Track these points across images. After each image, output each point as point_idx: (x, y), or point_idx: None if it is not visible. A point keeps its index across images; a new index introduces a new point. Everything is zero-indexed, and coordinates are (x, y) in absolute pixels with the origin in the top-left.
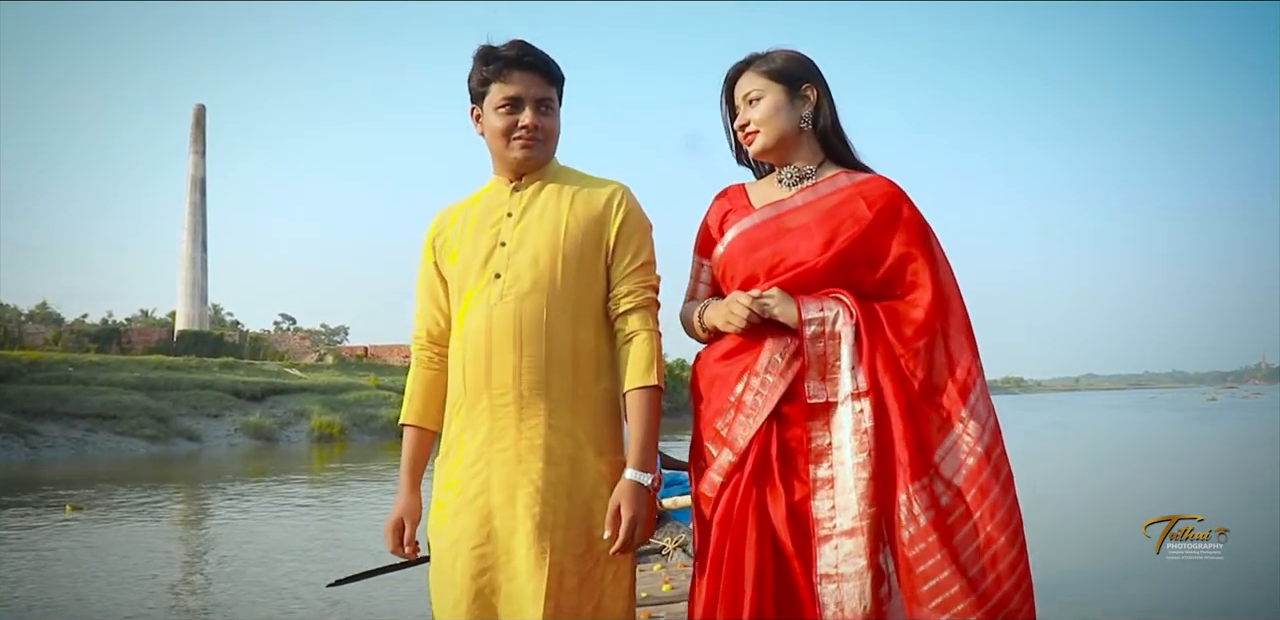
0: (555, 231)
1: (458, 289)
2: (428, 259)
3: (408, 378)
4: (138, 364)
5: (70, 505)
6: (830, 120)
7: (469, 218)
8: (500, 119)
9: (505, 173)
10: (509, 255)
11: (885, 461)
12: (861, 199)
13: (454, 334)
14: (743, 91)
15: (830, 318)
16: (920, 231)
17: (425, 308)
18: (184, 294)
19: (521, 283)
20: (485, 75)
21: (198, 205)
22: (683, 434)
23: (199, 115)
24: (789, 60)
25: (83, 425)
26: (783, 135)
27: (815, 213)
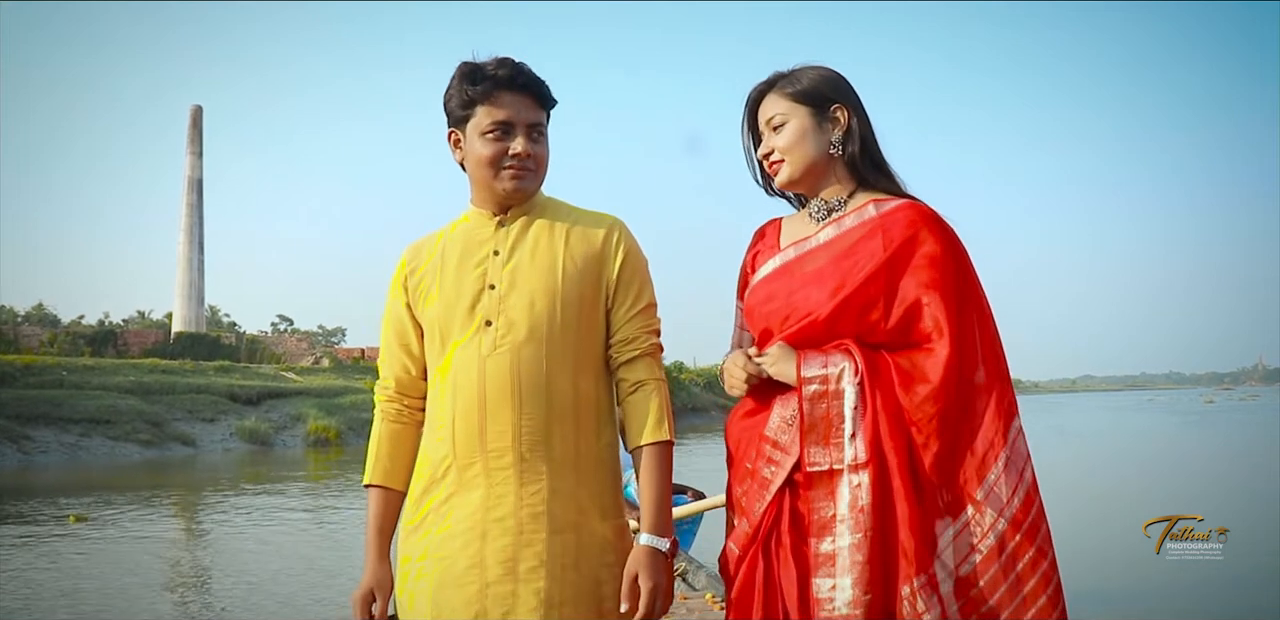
0: (551, 272)
1: (438, 336)
2: (397, 300)
3: (372, 432)
4: (132, 367)
5: (74, 516)
6: (862, 144)
7: (446, 255)
8: (488, 146)
9: (489, 205)
10: (500, 299)
11: (886, 544)
12: (881, 233)
13: (435, 387)
14: (765, 116)
15: (834, 374)
16: (943, 269)
17: (394, 355)
18: (180, 295)
19: (517, 331)
20: (471, 96)
21: (194, 206)
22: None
23: (196, 116)
24: (815, 79)
25: (76, 430)
26: (810, 164)
27: (833, 253)
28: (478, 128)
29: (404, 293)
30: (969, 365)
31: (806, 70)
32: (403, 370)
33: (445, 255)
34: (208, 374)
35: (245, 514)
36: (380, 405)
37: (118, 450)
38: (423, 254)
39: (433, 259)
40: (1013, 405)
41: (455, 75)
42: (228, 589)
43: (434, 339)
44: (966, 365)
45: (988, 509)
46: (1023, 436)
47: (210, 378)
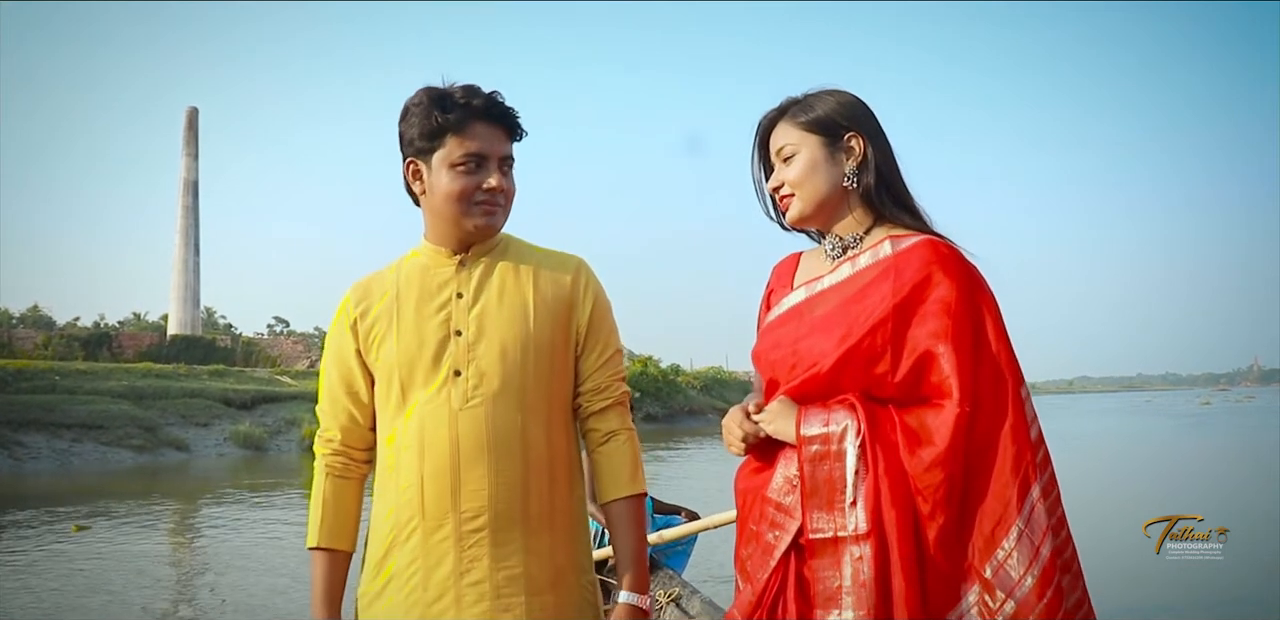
0: (522, 318)
1: (396, 386)
2: (344, 344)
3: (313, 488)
4: (125, 372)
5: (75, 526)
6: (878, 175)
7: (402, 296)
8: (459, 179)
9: (450, 243)
10: (468, 347)
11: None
12: (894, 275)
13: (392, 442)
14: (776, 146)
15: (836, 433)
16: (957, 316)
17: (340, 405)
18: (176, 297)
19: (490, 382)
20: (440, 125)
21: (190, 208)
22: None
23: (191, 118)
24: (828, 105)
25: (68, 435)
26: (823, 198)
27: (843, 296)
28: (447, 159)
29: (353, 337)
30: (983, 425)
31: (820, 96)
32: (349, 421)
33: (401, 297)
34: (201, 378)
35: (243, 524)
36: (324, 459)
37: (110, 456)
38: (373, 295)
39: (386, 301)
40: (1032, 470)
41: (420, 101)
42: (222, 610)
43: (390, 388)
44: (980, 425)
45: (996, 590)
46: (1044, 505)
47: (204, 382)
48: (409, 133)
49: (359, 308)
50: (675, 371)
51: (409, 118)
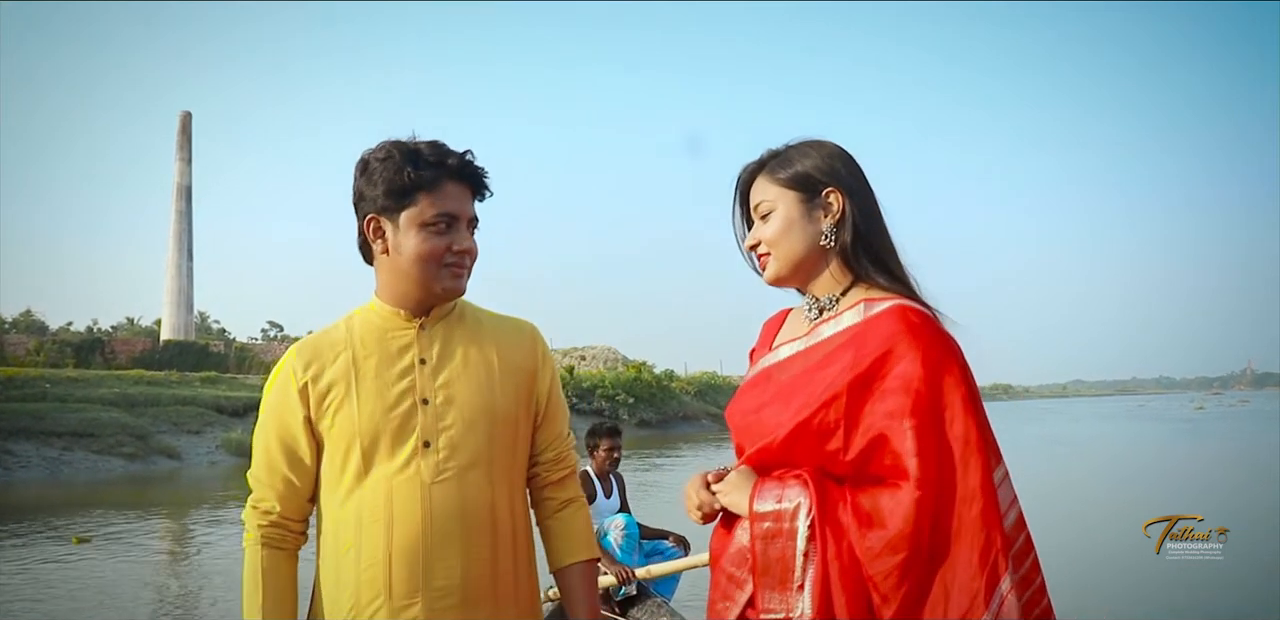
0: (488, 386)
1: (357, 456)
2: (290, 409)
3: (246, 563)
4: (117, 379)
5: (76, 538)
6: (856, 232)
7: (360, 360)
8: (431, 240)
9: (411, 305)
10: (436, 417)
11: None
12: (856, 345)
13: (351, 516)
14: (754, 202)
15: (788, 511)
16: (919, 394)
17: (279, 473)
18: (169, 302)
19: (460, 454)
20: (412, 182)
21: (183, 213)
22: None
23: (185, 122)
24: (807, 158)
25: (59, 444)
26: (799, 258)
27: (807, 363)
28: (418, 219)
29: (302, 402)
30: (948, 511)
31: (800, 148)
32: (289, 490)
33: (358, 361)
34: (193, 385)
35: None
36: (259, 530)
37: (101, 464)
38: (324, 357)
39: (341, 364)
40: (1003, 560)
41: (388, 156)
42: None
43: (347, 458)
44: (945, 511)
45: None
46: (1017, 598)
47: (196, 389)
48: (372, 188)
49: (309, 371)
50: (669, 377)
51: (372, 172)
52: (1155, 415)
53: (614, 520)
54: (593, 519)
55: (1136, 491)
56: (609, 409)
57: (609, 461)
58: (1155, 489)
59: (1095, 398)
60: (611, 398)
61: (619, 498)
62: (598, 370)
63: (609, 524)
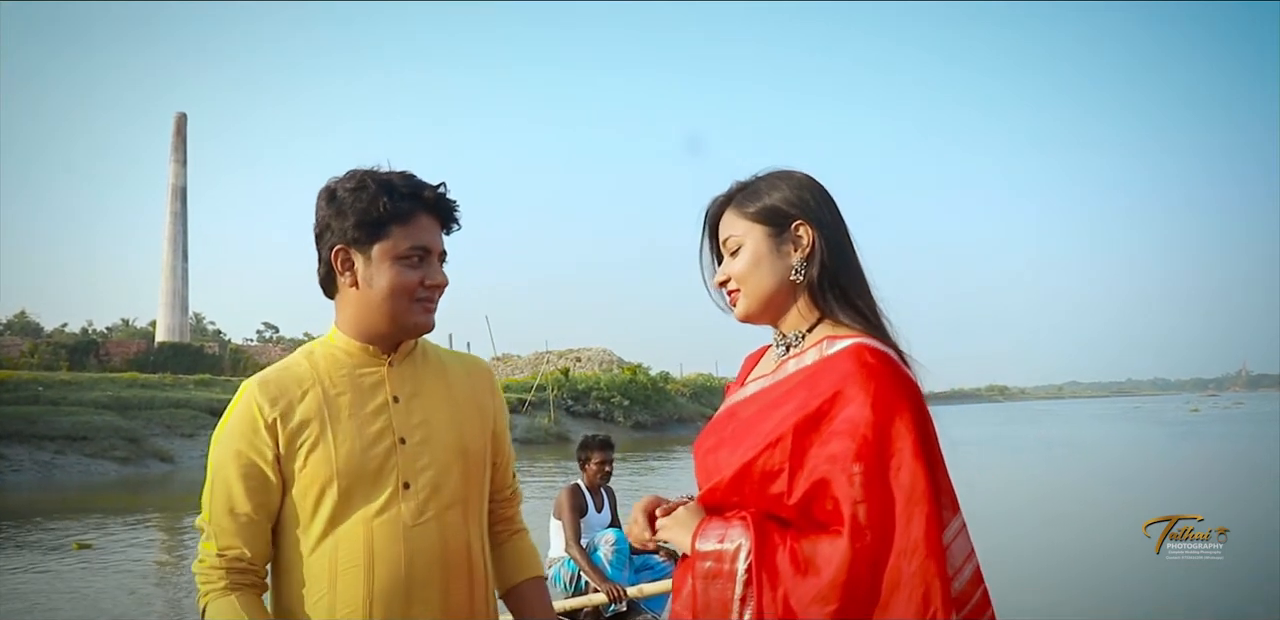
0: (458, 425)
1: (333, 498)
2: (257, 448)
3: (224, 613)
4: (110, 382)
5: (77, 543)
6: (823, 267)
7: (330, 398)
8: (405, 273)
9: (379, 340)
10: (414, 457)
11: None
12: (808, 386)
13: (326, 561)
14: (723, 237)
15: (729, 552)
16: (864, 439)
17: (243, 517)
18: (164, 304)
19: (441, 495)
20: (386, 212)
21: (178, 214)
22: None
23: (180, 124)
24: (776, 191)
25: (51, 447)
26: (768, 294)
27: (763, 403)
28: (392, 251)
29: (271, 441)
30: (888, 563)
31: (767, 180)
32: (257, 534)
33: (329, 398)
34: (187, 388)
35: None
36: (229, 577)
37: (94, 468)
38: (290, 393)
39: (312, 402)
40: (941, 616)
41: (361, 186)
42: None
43: (320, 501)
44: (885, 563)
45: None
46: None
47: (190, 391)
48: (342, 219)
49: (276, 407)
50: (664, 379)
51: (341, 202)
52: (1151, 417)
53: (604, 535)
54: (583, 534)
55: (1135, 493)
56: (604, 411)
57: (600, 475)
58: (1154, 490)
59: (1091, 399)
60: (606, 400)
61: (610, 512)
62: (593, 372)
63: (599, 539)
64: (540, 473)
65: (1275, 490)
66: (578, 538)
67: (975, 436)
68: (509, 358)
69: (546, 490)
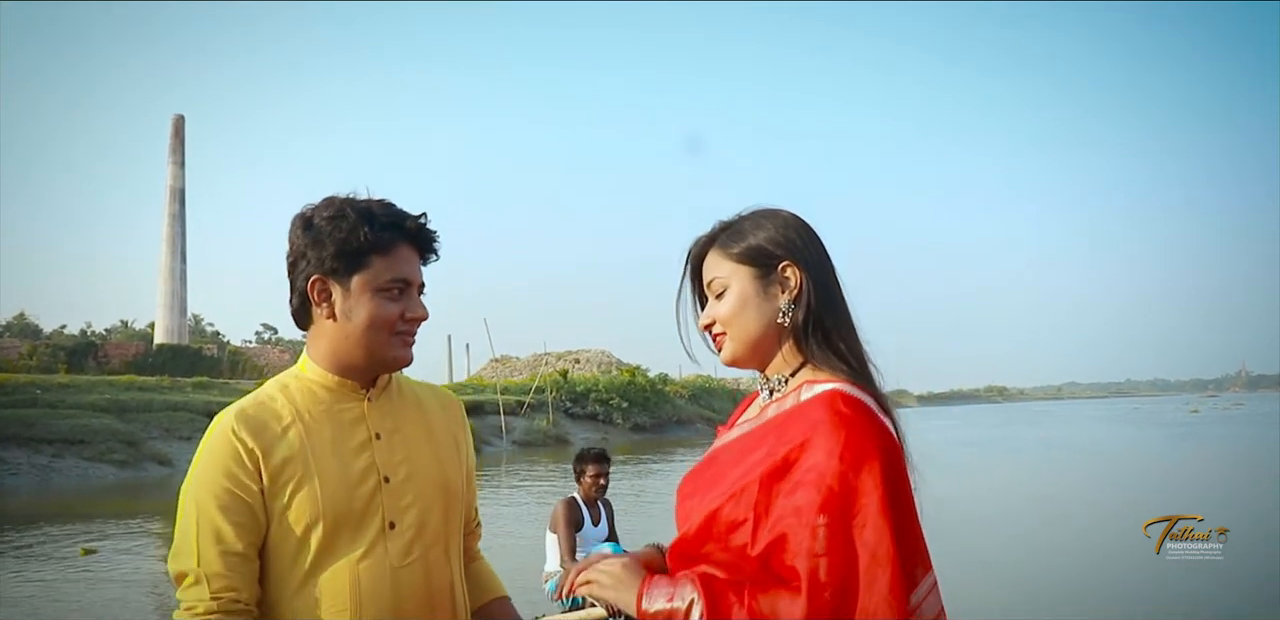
0: (437, 461)
1: (317, 539)
2: (241, 484)
3: None
4: (109, 385)
5: (83, 549)
6: (808, 310)
7: (312, 434)
8: (386, 305)
9: (357, 374)
10: (398, 495)
11: None
12: (778, 431)
13: (310, 603)
14: (707, 279)
15: (680, 610)
16: (829, 491)
17: (236, 555)
18: (163, 305)
19: (425, 534)
20: (366, 242)
21: (176, 216)
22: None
23: (178, 126)
24: (761, 230)
25: (49, 451)
26: (755, 338)
27: (736, 451)
28: (372, 282)
29: (256, 476)
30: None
31: (752, 219)
32: (248, 573)
33: (310, 435)
34: (185, 390)
35: None
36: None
37: (92, 471)
38: (270, 428)
39: (294, 438)
40: None
41: (340, 215)
42: None
43: (304, 542)
44: None
45: None
46: None
47: (188, 394)
48: (319, 248)
49: (257, 444)
50: (663, 381)
51: (319, 231)
52: (1151, 418)
53: (601, 550)
54: (580, 548)
55: (1136, 494)
56: (603, 413)
57: (595, 488)
58: (1155, 491)
59: (1090, 400)
60: (605, 402)
61: (607, 525)
62: (592, 374)
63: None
64: (538, 477)
65: (1275, 491)
66: (573, 552)
67: (974, 438)
68: (507, 359)
69: (545, 496)
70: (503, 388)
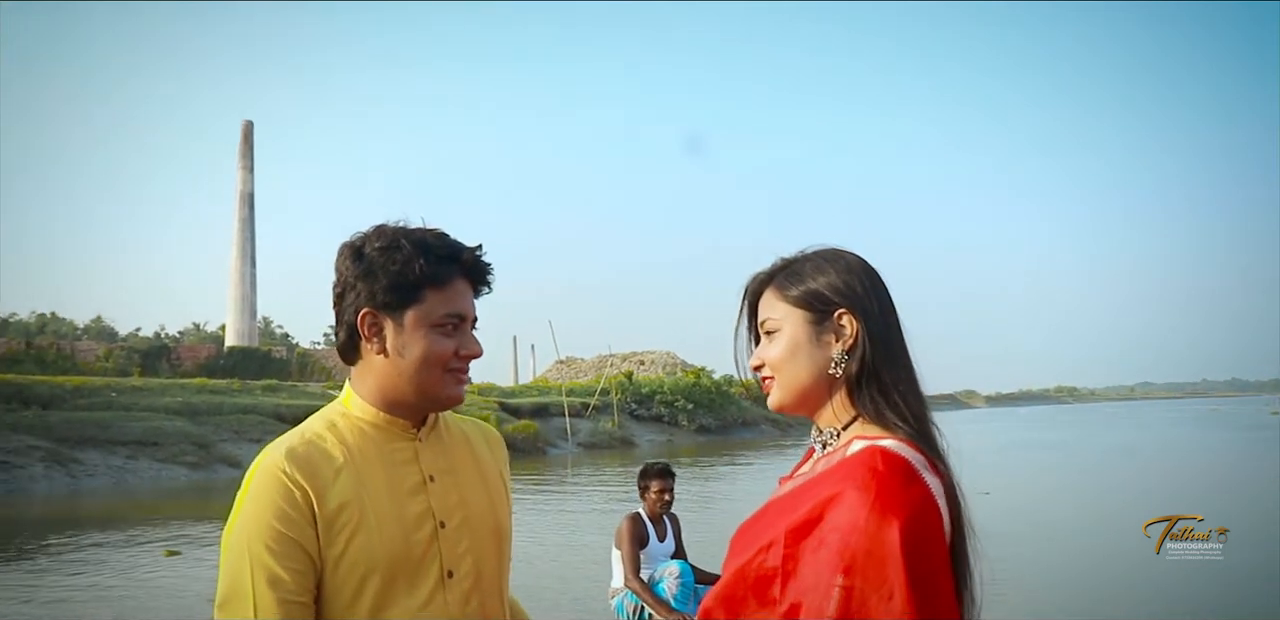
0: (489, 503)
1: (374, 589)
2: (300, 528)
3: None
4: (180, 388)
5: (167, 550)
6: (862, 363)
7: (365, 477)
8: (441, 341)
9: (408, 413)
10: (455, 542)
11: None
12: (815, 487)
13: None
14: (761, 317)
15: None
16: (853, 555)
17: (300, 606)
18: (233, 308)
19: (483, 583)
20: (421, 275)
21: (246, 220)
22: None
23: (247, 131)
24: (821, 274)
25: (123, 452)
26: (803, 388)
27: (783, 505)
28: (428, 317)
29: (310, 523)
30: None
31: (814, 261)
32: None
33: (363, 477)
34: (255, 393)
35: None
36: None
37: (164, 473)
38: (322, 470)
39: (346, 481)
40: None
41: (394, 245)
42: None
43: (360, 592)
44: None
45: None
46: None
47: (257, 397)
48: (371, 280)
49: (309, 486)
50: (728, 382)
51: (371, 262)
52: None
53: (668, 567)
54: (645, 564)
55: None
56: (668, 415)
57: (660, 503)
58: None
59: (1164, 401)
60: (670, 404)
61: (673, 541)
62: (656, 375)
63: (663, 571)
64: (605, 480)
65: None
66: (637, 569)
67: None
68: (572, 361)
69: (610, 502)
70: (568, 389)
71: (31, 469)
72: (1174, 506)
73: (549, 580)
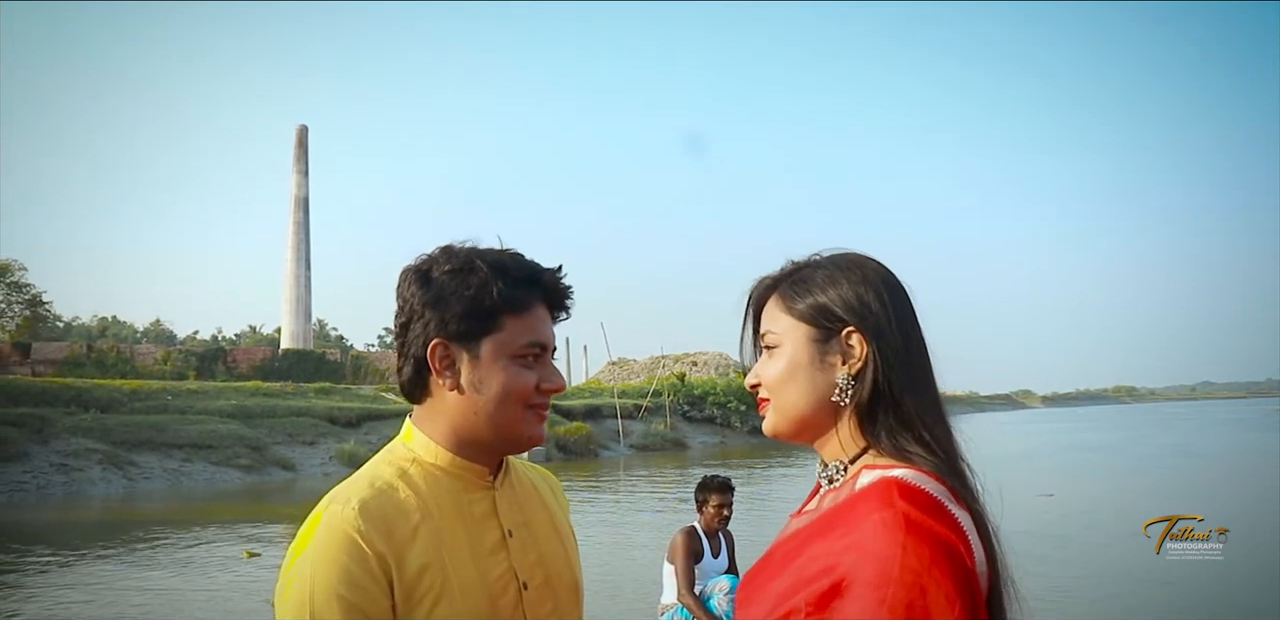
0: (565, 558)
1: None
2: (374, 597)
3: None
4: (234, 391)
5: (247, 552)
6: (874, 390)
7: (445, 535)
8: (523, 374)
9: (485, 456)
10: (537, 604)
11: None
12: (824, 530)
13: None
14: (763, 328)
15: None
16: (860, 609)
17: None
18: (288, 311)
19: None
20: (500, 299)
21: (301, 224)
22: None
23: (301, 136)
24: (831, 285)
25: (179, 455)
26: (801, 415)
27: (788, 548)
28: (507, 348)
29: (386, 592)
30: None
31: (826, 270)
32: None
33: (443, 536)
34: (308, 396)
35: None
36: None
37: (219, 475)
38: (399, 529)
39: (425, 540)
40: None
41: (468, 267)
42: None
43: None
44: None
45: None
46: None
47: (311, 400)
48: (443, 307)
49: (387, 545)
50: None
51: (441, 287)
52: None
53: (719, 583)
54: (697, 580)
55: None
56: (720, 416)
57: (718, 519)
58: None
59: (1226, 401)
60: (723, 405)
61: (727, 556)
62: (709, 377)
63: (714, 587)
64: (660, 483)
65: None
66: (691, 585)
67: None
68: (625, 362)
69: (664, 503)
70: (620, 391)
71: (90, 472)
72: (1217, 515)
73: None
